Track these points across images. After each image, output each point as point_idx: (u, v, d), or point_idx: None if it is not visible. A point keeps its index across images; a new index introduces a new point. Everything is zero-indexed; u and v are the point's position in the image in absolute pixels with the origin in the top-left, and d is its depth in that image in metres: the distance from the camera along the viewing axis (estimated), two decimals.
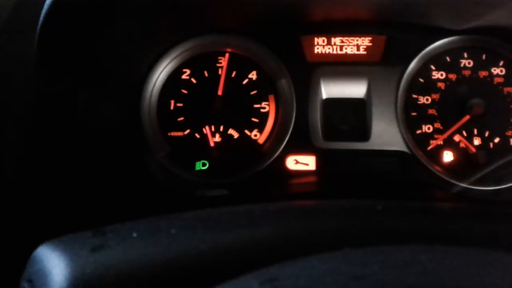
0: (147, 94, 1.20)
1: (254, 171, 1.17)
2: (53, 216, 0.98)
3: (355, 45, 1.21)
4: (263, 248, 0.48)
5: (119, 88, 1.16)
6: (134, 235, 0.51)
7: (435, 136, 1.18)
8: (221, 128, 1.21)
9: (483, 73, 1.19)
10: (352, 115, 1.19)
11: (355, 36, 1.21)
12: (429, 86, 1.19)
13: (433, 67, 1.20)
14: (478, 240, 0.53)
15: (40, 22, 0.88)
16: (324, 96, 1.19)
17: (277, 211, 0.56)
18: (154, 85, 1.21)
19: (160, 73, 1.21)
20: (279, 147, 1.17)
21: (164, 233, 0.51)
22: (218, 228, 0.52)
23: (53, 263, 0.47)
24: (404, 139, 1.16)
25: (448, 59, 1.20)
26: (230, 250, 0.47)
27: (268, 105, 1.21)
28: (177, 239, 0.49)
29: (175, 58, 1.21)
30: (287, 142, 1.17)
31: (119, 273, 0.45)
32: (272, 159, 1.17)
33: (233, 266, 0.45)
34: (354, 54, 1.21)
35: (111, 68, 1.11)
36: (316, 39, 1.21)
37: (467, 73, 1.19)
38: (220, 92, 1.20)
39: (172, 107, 1.21)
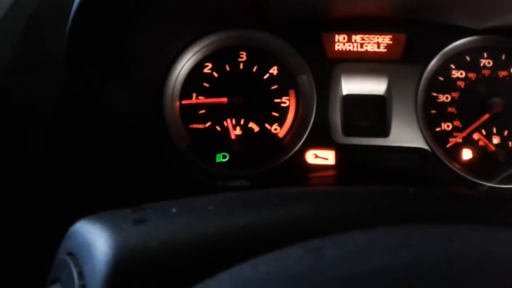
0: (170, 87, 1.22)
1: (273, 164, 1.18)
2: (76, 207, 0.99)
3: (375, 43, 1.22)
4: (302, 224, 0.49)
5: (143, 81, 1.18)
6: (174, 210, 0.52)
7: (454, 134, 1.19)
8: (242, 122, 1.22)
9: (502, 73, 1.20)
10: (372, 111, 1.20)
11: (375, 34, 1.22)
12: (449, 85, 1.20)
13: (453, 66, 1.21)
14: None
15: (71, 16, 0.91)
16: (344, 92, 1.20)
17: (311, 193, 0.57)
18: (176, 78, 1.23)
19: (183, 67, 1.23)
20: (299, 141, 1.18)
21: (203, 209, 0.52)
22: (256, 206, 0.53)
23: (96, 234, 0.48)
24: (423, 136, 1.17)
25: (468, 58, 1.21)
26: (270, 225, 0.48)
27: (288, 100, 1.22)
28: (217, 214, 0.50)
29: (197, 52, 1.23)
30: (307, 136, 1.18)
31: (162, 244, 0.46)
32: (292, 153, 1.18)
33: (273, 241, 0.46)
34: (375, 52, 1.22)
35: (136, 61, 1.13)
36: (337, 36, 1.22)
37: (486, 72, 1.20)
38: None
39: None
